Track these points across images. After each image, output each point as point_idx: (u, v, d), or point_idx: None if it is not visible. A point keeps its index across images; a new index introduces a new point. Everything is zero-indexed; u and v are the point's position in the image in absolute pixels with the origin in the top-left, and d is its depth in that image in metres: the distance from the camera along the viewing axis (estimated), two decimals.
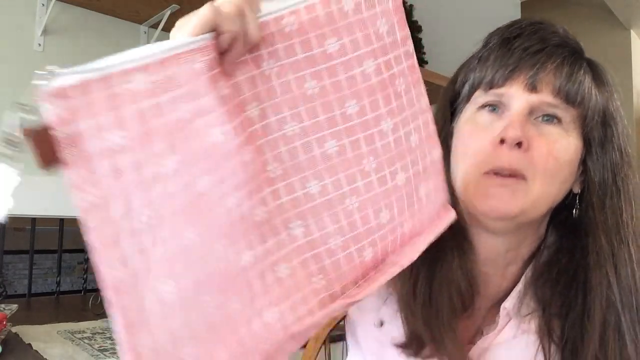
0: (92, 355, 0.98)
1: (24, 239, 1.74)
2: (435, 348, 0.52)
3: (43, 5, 1.61)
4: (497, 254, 0.56)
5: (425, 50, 2.61)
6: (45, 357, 0.96)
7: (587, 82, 0.52)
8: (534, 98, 0.50)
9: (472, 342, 0.55)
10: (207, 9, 0.34)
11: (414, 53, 0.42)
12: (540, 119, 0.51)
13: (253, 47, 0.36)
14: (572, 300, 0.51)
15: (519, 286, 0.55)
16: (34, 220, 1.63)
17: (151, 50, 0.37)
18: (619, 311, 0.49)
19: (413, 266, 0.46)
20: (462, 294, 0.54)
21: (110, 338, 1.12)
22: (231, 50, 0.34)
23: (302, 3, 0.37)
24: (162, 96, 0.33)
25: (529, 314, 0.53)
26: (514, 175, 0.50)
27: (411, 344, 0.54)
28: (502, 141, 0.50)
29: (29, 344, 1.03)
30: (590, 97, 0.52)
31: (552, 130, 0.51)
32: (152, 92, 0.33)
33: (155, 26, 1.81)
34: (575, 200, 0.54)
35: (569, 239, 0.54)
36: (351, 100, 0.39)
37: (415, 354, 0.54)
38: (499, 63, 0.52)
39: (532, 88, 0.50)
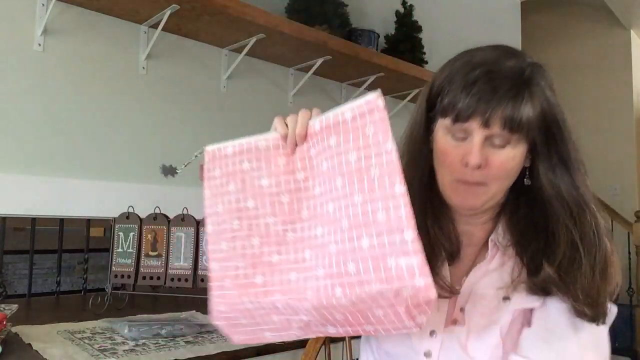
0: (92, 355, 0.99)
1: (24, 239, 1.74)
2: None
3: (43, 5, 1.61)
4: (472, 218, 0.80)
5: (425, 50, 2.61)
6: (45, 357, 0.96)
7: (527, 110, 0.70)
8: (487, 132, 0.70)
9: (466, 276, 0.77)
10: (276, 119, 0.72)
11: (395, 150, 0.56)
12: (495, 141, 0.71)
13: (304, 138, 0.67)
14: (534, 238, 0.74)
15: (500, 225, 0.78)
16: (34, 220, 1.63)
17: (248, 142, 0.72)
18: (575, 247, 0.70)
19: None
20: (447, 249, 0.78)
21: (111, 338, 1.12)
22: (285, 141, 0.68)
23: (324, 115, 0.65)
24: (254, 172, 0.69)
25: (509, 245, 0.76)
26: (476, 184, 0.73)
27: None
28: (466, 164, 0.71)
29: (29, 344, 1.03)
30: (529, 120, 0.71)
31: (503, 150, 0.71)
32: (250, 168, 0.69)
33: (155, 26, 1.81)
34: (526, 171, 0.76)
35: (525, 197, 0.77)
36: (339, 177, 0.59)
37: None
38: (461, 104, 0.71)
39: (486, 125, 0.70)
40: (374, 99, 0.58)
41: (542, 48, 5.08)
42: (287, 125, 0.67)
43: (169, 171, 0.86)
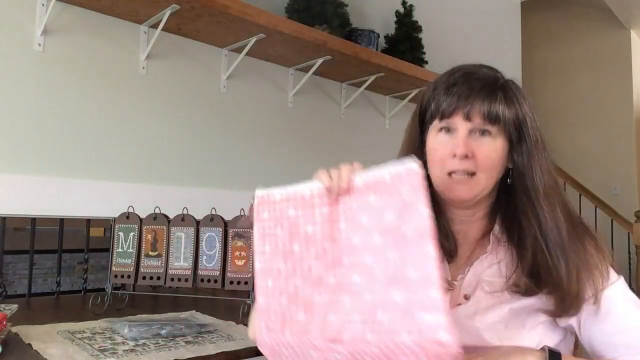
0: (92, 355, 0.99)
1: (24, 239, 1.74)
2: None
3: (43, 5, 1.61)
4: (466, 216, 0.87)
5: (425, 50, 2.61)
6: (45, 357, 0.96)
7: (501, 107, 0.81)
8: (470, 124, 0.81)
9: (463, 273, 0.85)
10: (320, 171, 0.76)
11: (428, 215, 0.62)
12: (477, 134, 0.81)
13: (347, 191, 0.70)
14: (515, 232, 0.82)
15: (497, 223, 0.86)
16: (34, 220, 1.63)
17: (295, 191, 0.75)
18: (543, 238, 0.78)
19: None
20: (446, 248, 0.85)
21: (111, 338, 1.12)
22: (328, 193, 0.71)
23: (366, 173, 0.70)
24: (300, 219, 0.73)
25: (506, 242, 0.83)
26: (467, 173, 0.80)
27: None
28: (454, 155, 0.80)
29: (29, 344, 1.03)
30: (504, 116, 0.81)
31: (485, 140, 0.81)
32: (296, 215, 0.74)
33: (155, 26, 1.81)
34: (509, 173, 0.85)
35: (508, 197, 0.85)
36: (376, 233, 0.66)
37: None
38: (445, 103, 0.82)
39: (468, 118, 0.80)
40: (414, 169, 0.65)
41: (542, 48, 5.08)
42: (331, 177, 0.72)
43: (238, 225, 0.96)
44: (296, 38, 1.96)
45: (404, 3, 2.59)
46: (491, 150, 0.81)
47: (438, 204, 0.85)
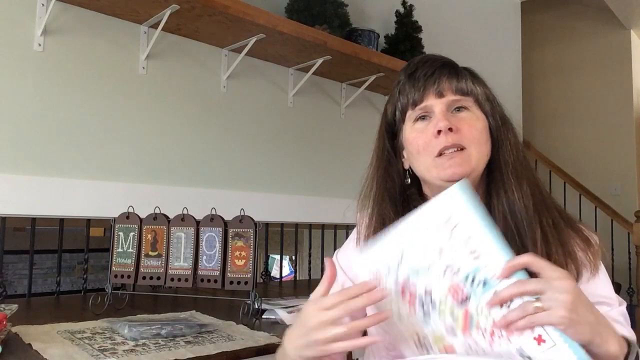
0: (92, 355, 0.98)
1: (24, 239, 1.74)
2: None
3: (43, 5, 1.61)
4: None
5: (425, 50, 2.61)
6: (45, 357, 0.96)
7: (469, 81, 0.81)
8: (444, 100, 0.79)
9: None
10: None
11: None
12: (454, 111, 0.80)
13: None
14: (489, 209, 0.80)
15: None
16: (34, 220, 1.63)
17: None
18: (511, 215, 0.78)
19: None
20: None
21: (111, 338, 1.12)
22: None
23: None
24: None
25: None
26: (457, 148, 0.77)
27: None
28: (439, 132, 0.77)
29: (29, 344, 1.03)
30: (474, 88, 0.81)
31: (464, 114, 0.80)
32: None
33: (155, 26, 1.81)
34: None
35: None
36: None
37: None
38: (414, 89, 0.81)
39: (440, 95, 0.79)
40: None
41: (542, 48, 5.08)
42: None
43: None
44: (296, 38, 1.96)
45: (404, 3, 2.59)
46: (473, 121, 0.79)
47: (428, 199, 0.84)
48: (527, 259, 0.64)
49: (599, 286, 0.79)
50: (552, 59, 5.10)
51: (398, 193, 0.85)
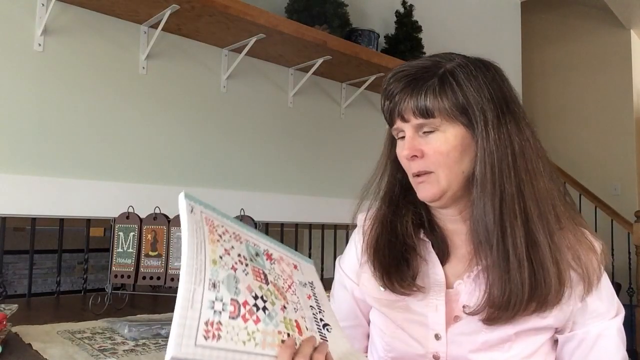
0: (92, 355, 0.98)
1: (24, 239, 1.74)
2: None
3: (43, 5, 1.61)
4: (453, 215, 0.82)
5: (425, 50, 2.61)
6: (45, 357, 0.96)
7: (430, 98, 0.74)
8: (409, 124, 0.77)
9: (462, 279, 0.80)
10: None
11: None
12: (424, 129, 0.76)
13: None
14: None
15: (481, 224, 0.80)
16: (34, 220, 1.63)
17: None
18: (480, 234, 0.75)
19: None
20: (438, 249, 0.82)
21: (111, 338, 1.12)
22: None
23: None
24: None
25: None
26: (425, 173, 0.77)
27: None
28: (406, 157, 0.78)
29: (29, 344, 1.03)
30: (440, 104, 0.74)
31: (432, 136, 0.76)
32: None
33: (155, 26, 1.81)
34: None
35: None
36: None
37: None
38: (384, 109, 0.81)
39: (403, 119, 0.77)
40: None
41: (542, 48, 5.08)
42: None
43: None
44: (296, 38, 1.96)
45: (404, 3, 2.59)
46: (440, 144, 0.75)
47: (425, 205, 0.84)
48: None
49: (596, 303, 0.77)
50: (552, 59, 5.10)
51: (400, 192, 0.85)
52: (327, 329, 0.67)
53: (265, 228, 2.25)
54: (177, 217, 1.43)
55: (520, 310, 0.72)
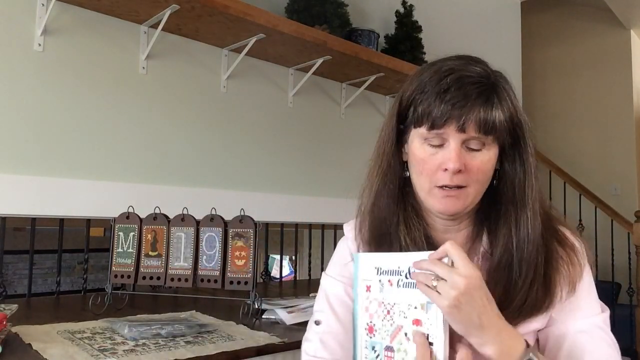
0: (92, 355, 0.99)
1: (24, 239, 1.74)
2: None
3: (43, 5, 1.61)
4: (451, 225, 0.82)
5: (425, 50, 2.61)
6: (45, 357, 0.96)
7: (497, 114, 0.74)
8: (464, 136, 0.73)
9: None
10: None
11: None
12: (471, 144, 0.74)
13: None
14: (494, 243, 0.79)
15: (484, 234, 0.81)
16: (34, 220, 1.63)
17: None
18: (512, 252, 0.76)
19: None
20: None
21: (111, 338, 1.12)
22: None
23: None
24: None
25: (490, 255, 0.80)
26: (457, 187, 0.75)
27: None
28: (446, 169, 0.74)
29: (29, 344, 1.03)
30: (500, 123, 0.74)
31: (478, 154, 0.75)
32: None
33: (155, 26, 1.81)
34: (496, 174, 0.79)
35: (493, 203, 0.80)
36: None
37: None
38: (436, 110, 0.73)
39: (462, 130, 0.73)
40: None
41: (542, 48, 5.08)
42: None
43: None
44: (296, 38, 1.96)
45: (404, 3, 2.59)
46: (484, 162, 0.75)
47: (417, 212, 0.82)
48: (446, 246, 0.68)
49: (580, 303, 0.78)
50: (552, 59, 5.10)
51: (397, 188, 0.81)
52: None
53: (266, 228, 2.25)
54: (177, 217, 1.44)
55: (511, 320, 0.72)
